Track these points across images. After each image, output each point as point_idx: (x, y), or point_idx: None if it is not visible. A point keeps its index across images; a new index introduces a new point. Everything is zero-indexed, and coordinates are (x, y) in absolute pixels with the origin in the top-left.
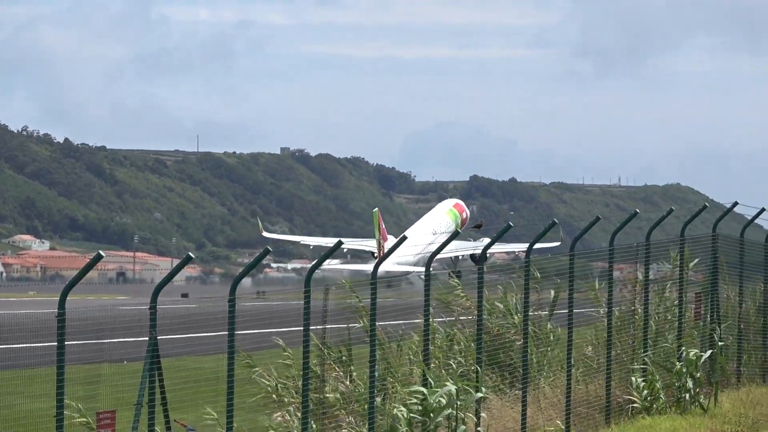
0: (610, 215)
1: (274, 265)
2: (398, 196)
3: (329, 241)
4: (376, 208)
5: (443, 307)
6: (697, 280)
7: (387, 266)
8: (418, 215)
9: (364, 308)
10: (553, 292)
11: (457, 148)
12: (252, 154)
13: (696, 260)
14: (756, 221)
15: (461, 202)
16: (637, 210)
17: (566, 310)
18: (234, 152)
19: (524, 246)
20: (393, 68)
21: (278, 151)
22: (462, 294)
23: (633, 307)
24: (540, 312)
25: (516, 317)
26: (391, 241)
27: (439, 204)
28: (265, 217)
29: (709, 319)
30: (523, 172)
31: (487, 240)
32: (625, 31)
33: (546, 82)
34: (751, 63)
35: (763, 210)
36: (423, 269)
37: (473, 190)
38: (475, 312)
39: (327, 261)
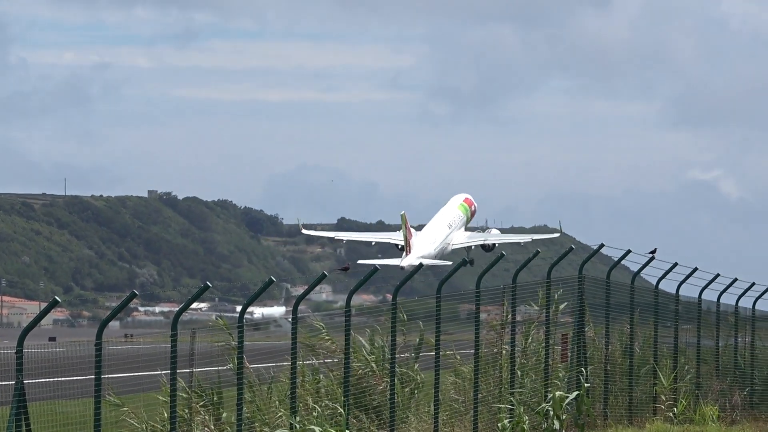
0: (477, 257)
1: (141, 308)
2: (266, 238)
3: (364, 236)
4: (403, 212)
5: (310, 350)
6: (563, 322)
7: (412, 260)
8: (286, 257)
9: (234, 349)
10: (420, 331)
11: (322, 191)
12: (119, 198)
13: (564, 303)
14: (622, 263)
15: (470, 196)
16: (504, 252)
17: (433, 353)
18: (101, 195)
19: (527, 237)
20: (258, 111)
21: (146, 194)
22: (327, 337)
23: (499, 349)
24: (407, 354)
25: (382, 360)
26: (415, 237)
27: (451, 199)
28: (133, 260)
29: (575, 360)
30: (389, 215)
31: (495, 231)
32: (481, 73)
33: (405, 124)
34: (607, 106)
35: (628, 252)
36: (446, 262)
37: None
38: (343, 354)
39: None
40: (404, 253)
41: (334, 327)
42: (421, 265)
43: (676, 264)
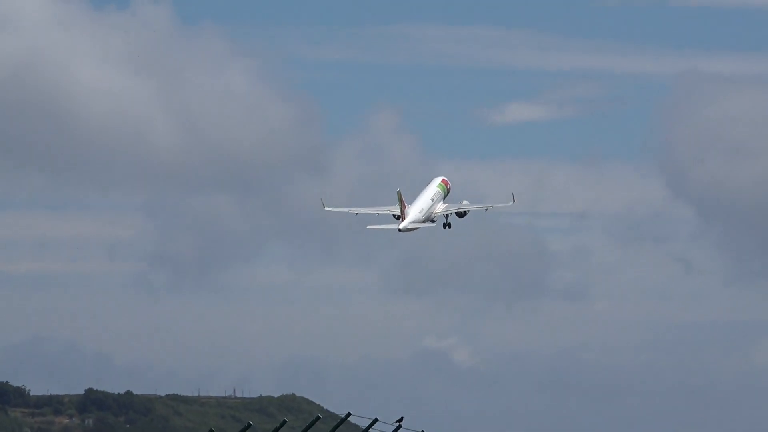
0: (225, 427)
1: None
2: (13, 410)
3: (371, 210)
4: (399, 189)
5: None
6: None
7: (407, 224)
8: (34, 429)
9: None
10: None
11: (68, 362)
12: None
13: None
14: (370, 431)
15: (446, 178)
16: (251, 422)
17: None
18: None
19: (488, 205)
20: (4, 283)
21: None
22: None
23: None
24: None
25: None
26: (408, 208)
27: (433, 180)
28: None
29: None
30: (135, 385)
31: (466, 202)
32: (200, 242)
33: (127, 293)
34: (329, 273)
35: (375, 420)
36: (430, 224)
37: (89, 403)
38: None
39: None
40: (400, 220)
41: None
42: None
43: None
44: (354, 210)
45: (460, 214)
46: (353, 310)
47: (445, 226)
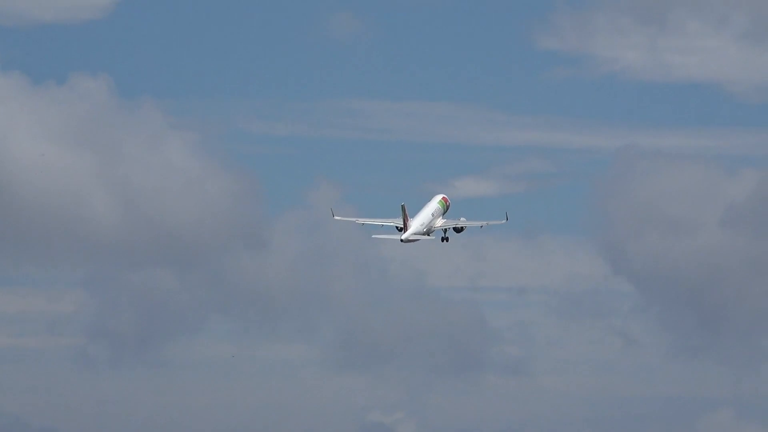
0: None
1: None
2: None
3: (378, 221)
4: (403, 203)
5: None
6: None
7: (408, 235)
8: None
9: None
10: None
11: None
12: None
13: None
14: None
15: (446, 196)
16: None
17: None
18: None
19: (484, 222)
20: None
21: None
22: None
23: None
24: None
25: None
26: (410, 221)
27: (434, 197)
28: None
29: None
30: None
31: (463, 219)
32: (142, 317)
33: (66, 369)
34: (273, 348)
35: None
36: (431, 237)
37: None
38: None
39: None
40: (403, 231)
41: None
42: None
43: None
44: (360, 220)
45: (458, 230)
46: (297, 385)
47: (443, 239)
